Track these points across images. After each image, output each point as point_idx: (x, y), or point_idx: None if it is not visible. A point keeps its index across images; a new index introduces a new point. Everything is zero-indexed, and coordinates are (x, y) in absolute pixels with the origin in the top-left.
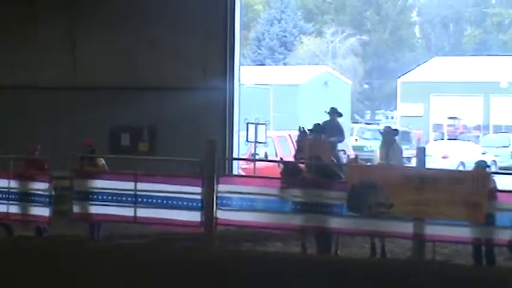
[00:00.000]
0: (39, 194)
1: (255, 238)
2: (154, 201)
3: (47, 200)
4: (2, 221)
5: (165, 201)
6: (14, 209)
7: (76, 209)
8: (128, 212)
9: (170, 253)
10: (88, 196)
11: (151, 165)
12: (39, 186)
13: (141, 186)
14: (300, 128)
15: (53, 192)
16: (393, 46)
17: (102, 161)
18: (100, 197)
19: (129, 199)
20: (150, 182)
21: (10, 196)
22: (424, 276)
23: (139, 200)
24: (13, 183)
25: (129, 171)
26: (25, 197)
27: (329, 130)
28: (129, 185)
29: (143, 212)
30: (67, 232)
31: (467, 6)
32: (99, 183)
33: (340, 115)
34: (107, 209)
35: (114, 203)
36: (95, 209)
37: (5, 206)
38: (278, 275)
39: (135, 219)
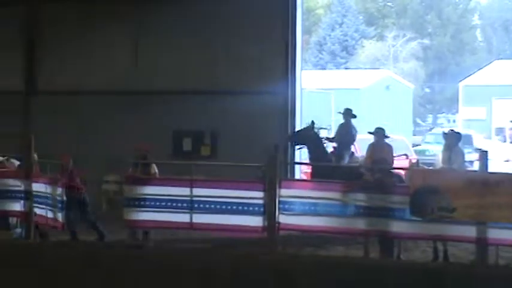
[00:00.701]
0: (58, 199)
1: (317, 242)
2: (212, 206)
3: (60, 205)
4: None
5: (224, 207)
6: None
7: (127, 215)
8: (183, 218)
9: (233, 258)
10: (140, 202)
11: (212, 170)
12: (58, 191)
13: (198, 191)
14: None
15: (65, 198)
16: (454, 50)
17: (155, 169)
18: (153, 203)
19: (185, 205)
20: (208, 187)
21: (46, 201)
22: (487, 280)
23: (196, 205)
24: (49, 188)
25: (185, 177)
26: (52, 202)
27: (342, 132)
28: (185, 191)
29: (200, 218)
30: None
31: None
32: (152, 190)
33: (354, 116)
34: (161, 216)
35: (169, 209)
36: (147, 216)
37: (44, 210)
38: (341, 280)
39: (191, 226)
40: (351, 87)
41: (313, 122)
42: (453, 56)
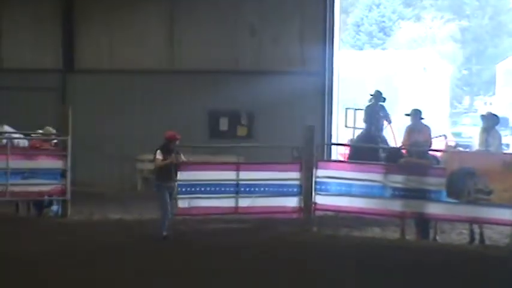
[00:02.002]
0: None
1: (352, 224)
2: (256, 189)
3: None
4: None
5: (262, 189)
6: None
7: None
8: (229, 203)
9: (270, 238)
10: (193, 189)
11: (249, 150)
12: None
13: (242, 175)
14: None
15: None
16: (492, 32)
17: (182, 157)
18: (203, 188)
19: (232, 189)
20: (249, 170)
21: None
22: None
23: (242, 189)
24: None
25: (229, 162)
26: None
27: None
28: (231, 175)
29: (244, 202)
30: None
31: None
32: (199, 175)
33: (384, 100)
34: (208, 202)
35: (215, 195)
36: (199, 202)
37: None
38: (376, 260)
39: (236, 210)
40: (388, 69)
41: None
42: (491, 38)
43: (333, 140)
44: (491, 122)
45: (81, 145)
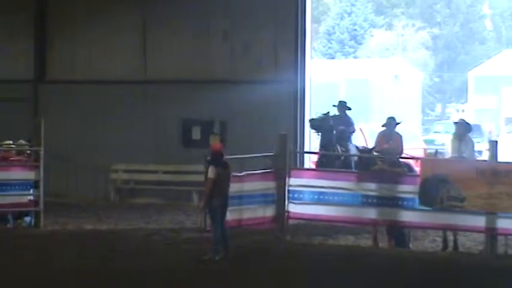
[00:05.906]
0: None
1: (326, 232)
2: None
3: None
4: None
5: (236, 201)
6: None
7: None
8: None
9: (243, 247)
10: None
11: None
12: None
13: None
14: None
15: None
16: (464, 39)
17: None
18: None
19: None
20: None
21: None
22: (496, 270)
23: None
24: None
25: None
26: None
27: (337, 123)
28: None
29: None
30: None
31: None
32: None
33: (349, 109)
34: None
35: None
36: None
37: None
38: (351, 269)
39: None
40: (360, 77)
41: (328, 113)
42: (462, 46)
43: (306, 148)
44: (463, 129)
45: (54, 156)
